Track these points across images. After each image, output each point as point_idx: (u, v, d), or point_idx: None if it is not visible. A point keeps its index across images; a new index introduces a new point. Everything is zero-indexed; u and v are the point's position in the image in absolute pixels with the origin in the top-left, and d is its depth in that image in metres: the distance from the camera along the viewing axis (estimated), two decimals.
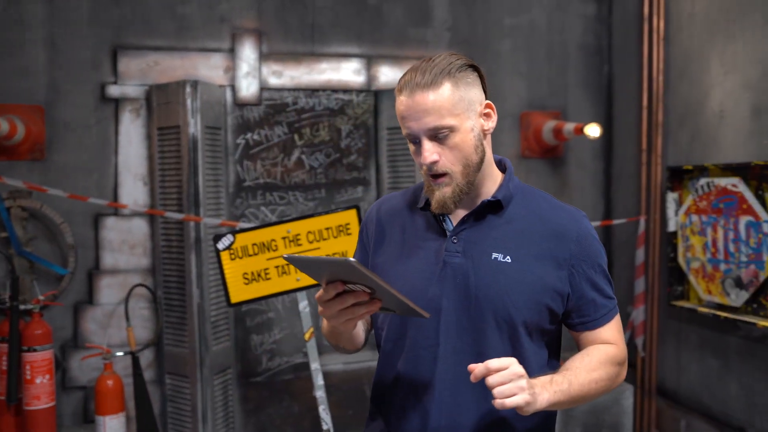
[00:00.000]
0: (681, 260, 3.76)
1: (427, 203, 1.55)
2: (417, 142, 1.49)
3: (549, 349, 1.58)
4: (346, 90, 4.06)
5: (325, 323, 1.58)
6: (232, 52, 3.87)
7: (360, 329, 1.63)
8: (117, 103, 3.71)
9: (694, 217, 3.65)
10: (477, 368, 1.34)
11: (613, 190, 4.50)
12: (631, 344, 4.20)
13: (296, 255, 1.38)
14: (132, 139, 3.73)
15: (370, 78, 4.10)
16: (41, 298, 3.31)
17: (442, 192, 1.48)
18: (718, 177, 3.50)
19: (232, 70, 3.87)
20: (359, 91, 4.08)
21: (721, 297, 3.47)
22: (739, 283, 3.36)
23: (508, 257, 1.49)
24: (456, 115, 1.45)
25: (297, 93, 3.99)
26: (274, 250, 2.93)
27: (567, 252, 1.52)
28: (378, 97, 4.08)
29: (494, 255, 1.50)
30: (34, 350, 3.18)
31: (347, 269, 1.27)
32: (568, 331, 1.62)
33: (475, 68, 1.52)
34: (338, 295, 1.34)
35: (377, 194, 4.10)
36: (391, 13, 4.14)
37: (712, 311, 3.52)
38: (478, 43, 4.30)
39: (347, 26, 4.07)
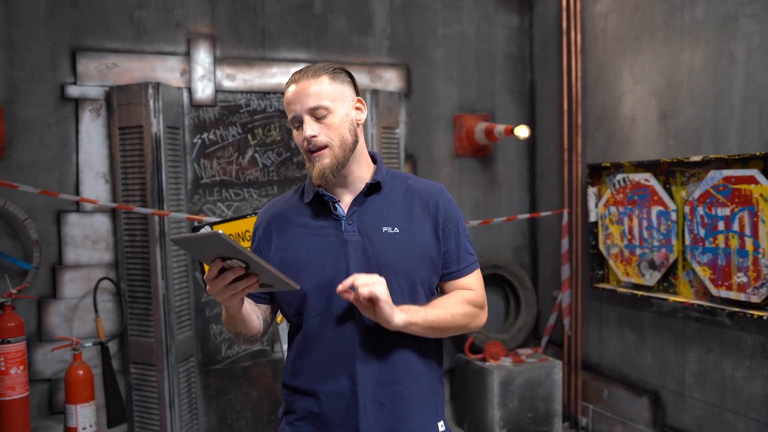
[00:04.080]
0: (601, 247, 4.25)
1: (314, 197, 1.80)
2: (299, 126, 1.76)
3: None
4: None
5: (224, 313, 1.77)
6: (187, 56, 4.05)
7: (252, 315, 1.78)
8: (77, 102, 3.81)
9: (612, 209, 4.14)
10: (344, 282, 1.60)
11: (538, 186, 4.97)
12: (558, 324, 4.67)
13: (179, 235, 1.42)
14: (93, 138, 3.84)
15: None
16: (14, 291, 3.38)
17: (322, 164, 1.73)
18: (632, 173, 4.00)
19: (187, 73, 4.05)
20: None
21: (637, 278, 3.96)
22: (652, 265, 3.86)
23: (396, 228, 1.77)
24: (332, 101, 1.74)
25: (249, 95, 4.21)
26: (245, 240, 3.15)
27: (437, 217, 1.81)
28: None
29: (384, 229, 1.77)
30: (8, 342, 3.25)
31: (219, 243, 1.41)
32: (438, 285, 1.88)
33: (348, 73, 1.83)
34: (220, 273, 1.52)
35: None
36: (336, 22, 4.43)
37: (630, 291, 4.01)
38: (414, 50, 4.65)
39: (295, 33, 4.33)
